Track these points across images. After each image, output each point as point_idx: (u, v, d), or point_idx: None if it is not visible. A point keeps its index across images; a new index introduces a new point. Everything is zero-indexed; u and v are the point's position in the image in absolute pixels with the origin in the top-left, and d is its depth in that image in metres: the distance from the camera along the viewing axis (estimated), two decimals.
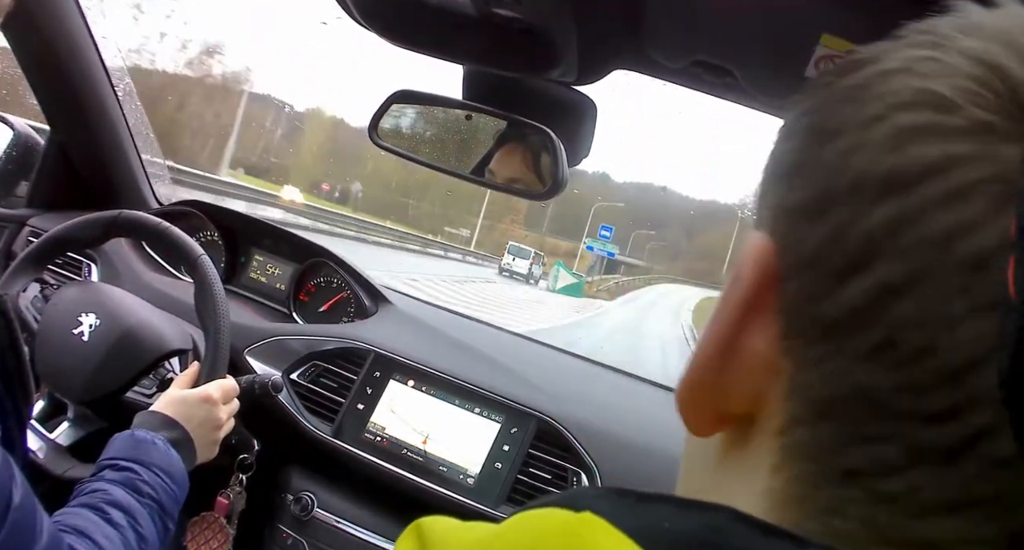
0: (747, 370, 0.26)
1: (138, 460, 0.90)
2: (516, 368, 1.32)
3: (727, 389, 0.27)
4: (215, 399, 1.04)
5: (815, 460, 0.25)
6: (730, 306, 0.27)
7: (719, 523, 0.22)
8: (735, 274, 0.27)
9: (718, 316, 0.27)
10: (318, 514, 1.27)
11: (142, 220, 1.17)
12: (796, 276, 0.26)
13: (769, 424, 0.26)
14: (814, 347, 0.25)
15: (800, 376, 0.25)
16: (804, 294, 0.25)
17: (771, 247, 0.27)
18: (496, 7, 0.67)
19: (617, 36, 0.69)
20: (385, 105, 0.87)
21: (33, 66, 1.45)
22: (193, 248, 1.14)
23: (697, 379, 0.28)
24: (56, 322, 1.13)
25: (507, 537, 0.24)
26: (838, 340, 0.24)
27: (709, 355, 0.27)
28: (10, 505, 0.65)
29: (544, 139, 0.80)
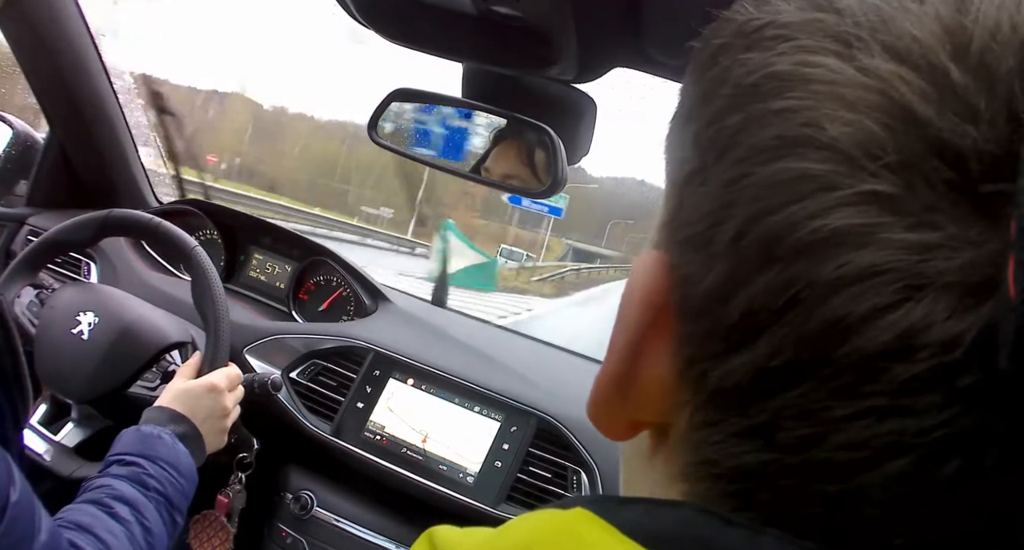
0: (651, 392, 0.26)
1: (144, 454, 0.90)
2: (516, 367, 1.32)
3: (635, 404, 0.27)
4: (220, 388, 1.04)
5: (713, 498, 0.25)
6: (623, 324, 0.26)
7: (687, 517, 0.23)
8: (627, 295, 0.27)
9: (615, 337, 0.27)
10: (318, 513, 1.28)
11: (132, 217, 1.17)
12: (686, 318, 0.25)
13: (679, 430, 0.26)
14: (700, 411, 0.24)
15: (691, 432, 0.25)
16: (691, 345, 0.24)
17: (663, 261, 0.26)
18: (495, 5, 0.67)
19: (616, 34, 0.69)
20: (384, 103, 0.87)
21: (32, 65, 1.44)
22: (186, 241, 1.15)
23: (603, 396, 0.28)
24: (54, 323, 1.13)
25: (506, 536, 0.26)
26: (719, 413, 0.24)
27: (610, 372, 0.27)
28: (7, 503, 0.65)
29: (543, 137, 0.80)
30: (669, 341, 0.25)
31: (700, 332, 0.24)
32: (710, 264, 0.23)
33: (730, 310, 0.23)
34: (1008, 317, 0.19)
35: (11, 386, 0.70)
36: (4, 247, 1.52)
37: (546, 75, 0.76)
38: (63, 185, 1.61)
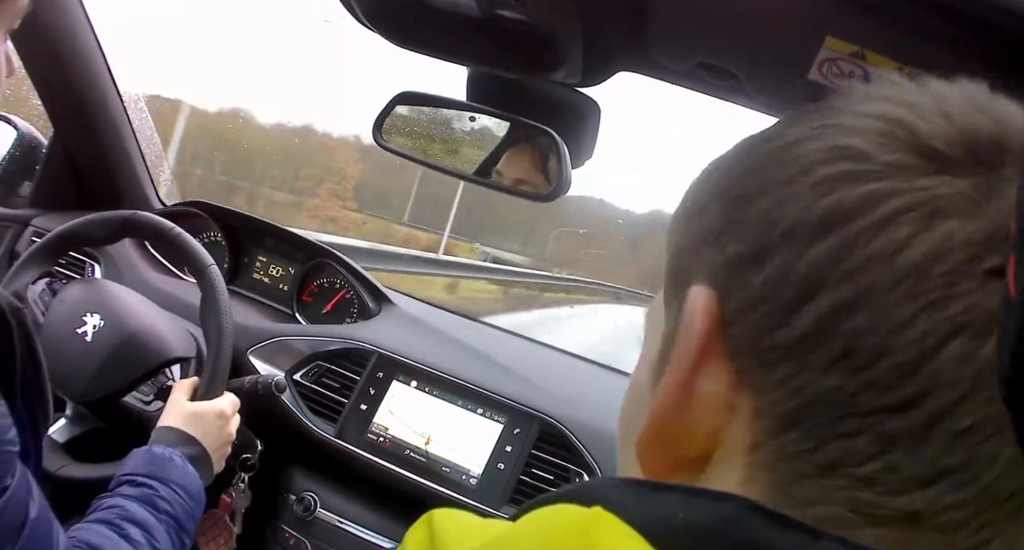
0: (705, 411, 0.29)
1: (156, 476, 0.90)
2: (519, 369, 1.32)
3: (687, 432, 0.29)
4: (228, 415, 1.06)
5: (790, 462, 0.27)
6: (684, 357, 0.29)
7: (734, 513, 0.23)
8: (685, 327, 0.30)
9: (674, 368, 0.29)
10: (321, 514, 1.28)
11: (155, 223, 1.17)
12: (743, 318, 0.28)
13: (732, 450, 0.28)
14: (775, 370, 0.27)
15: (763, 400, 0.27)
16: (755, 331, 0.28)
17: (713, 297, 0.29)
18: (500, 9, 0.67)
19: (621, 38, 0.69)
20: (389, 106, 0.87)
21: (37, 66, 1.45)
22: (203, 258, 1.15)
23: (657, 428, 0.30)
24: (60, 319, 1.13)
25: (517, 538, 0.25)
26: (799, 359, 0.27)
27: (667, 405, 0.29)
28: (27, 519, 0.65)
29: (548, 140, 0.80)
30: (720, 361, 0.29)
31: (759, 318, 0.28)
32: (764, 264, 0.28)
33: (793, 282, 0.27)
34: (1009, 317, 0.20)
35: (32, 397, 0.70)
36: (8, 248, 1.52)
37: (551, 79, 0.76)
38: (67, 186, 1.61)
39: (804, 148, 0.29)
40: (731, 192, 0.31)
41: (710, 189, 0.33)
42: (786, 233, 0.28)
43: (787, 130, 0.31)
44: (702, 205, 0.33)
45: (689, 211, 0.34)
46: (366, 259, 3.21)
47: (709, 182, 0.34)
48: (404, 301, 1.53)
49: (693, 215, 0.33)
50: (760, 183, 0.30)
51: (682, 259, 0.33)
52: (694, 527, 0.23)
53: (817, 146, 0.29)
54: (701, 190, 0.34)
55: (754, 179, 0.30)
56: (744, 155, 0.32)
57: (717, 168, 0.34)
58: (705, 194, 0.33)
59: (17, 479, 0.66)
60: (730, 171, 0.33)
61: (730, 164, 0.33)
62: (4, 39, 0.70)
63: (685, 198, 0.36)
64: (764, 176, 0.30)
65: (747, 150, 0.33)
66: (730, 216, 0.30)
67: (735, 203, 0.31)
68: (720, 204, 0.31)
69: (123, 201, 1.60)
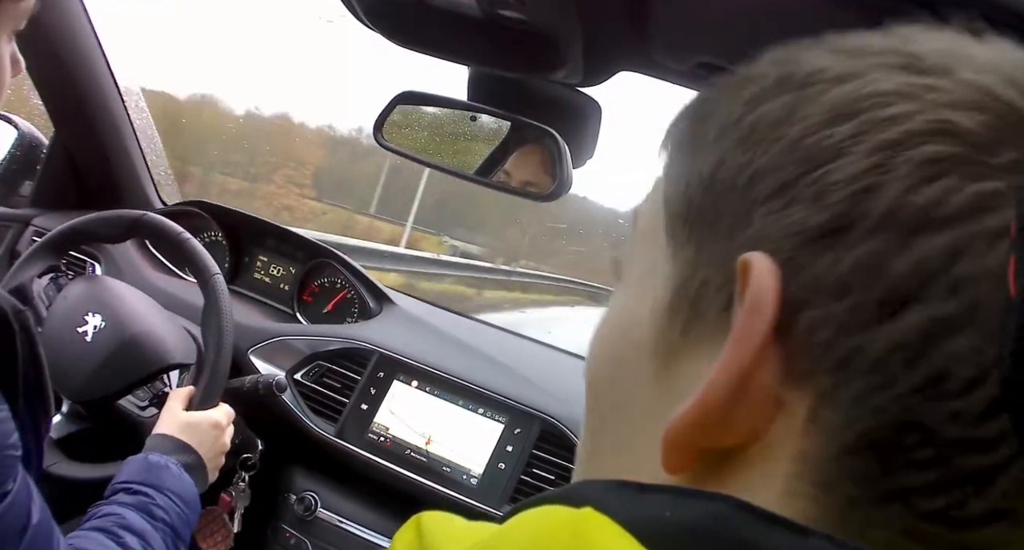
0: (756, 404, 0.25)
1: (152, 484, 0.90)
2: (519, 369, 1.32)
3: (728, 426, 0.25)
4: (223, 425, 1.06)
5: (849, 485, 0.24)
6: (750, 339, 0.24)
7: (722, 512, 0.22)
8: (753, 301, 0.25)
9: (736, 351, 0.25)
10: (321, 514, 1.28)
11: (165, 227, 1.17)
12: (815, 308, 0.24)
13: (772, 453, 0.25)
14: (852, 381, 0.23)
15: (829, 410, 0.24)
16: (830, 327, 0.24)
17: (776, 271, 0.25)
18: (501, 9, 0.67)
19: (622, 38, 0.69)
20: (390, 106, 0.87)
21: (38, 65, 1.45)
22: (209, 266, 1.14)
23: (699, 421, 0.25)
24: (62, 317, 1.13)
25: (506, 539, 0.24)
26: (884, 373, 0.23)
27: (720, 393, 0.25)
28: (28, 524, 0.65)
29: (549, 140, 0.80)
30: (774, 348, 0.25)
31: (838, 311, 0.24)
32: (849, 245, 0.24)
33: (891, 278, 0.23)
34: (1010, 316, 0.20)
35: (33, 398, 0.70)
36: (9, 247, 1.52)
37: (551, 79, 0.76)
38: (68, 186, 1.61)
39: (900, 109, 0.25)
40: (795, 135, 0.26)
41: (759, 117, 0.27)
42: (886, 215, 0.23)
43: (865, 71, 0.26)
44: (746, 131, 0.28)
45: (724, 124, 0.29)
46: None
47: (754, 102, 0.28)
48: (405, 301, 1.53)
49: (729, 133, 0.28)
50: (838, 137, 0.25)
51: (715, 195, 0.28)
52: (683, 526, 0.22)
53: (916, 111, 0.24)
54: (741, 102, 0.28)
55: (829, 128, 0.25)
56: (814, 90, 0.27)
57: (773, 85, 0.28)
58: (750, 117, 0.28)
59: (19, 484, 0.66)
60: (792, 102, 0.27)
61: (791, 92, 0.27)
62: (9, 40, 0.70)
63: (707, 100, 0.31)
64: (841, 126, 0.25)
65: (813, 83, 0.27)
66: (798, 169, 0.25)
67: (805, 154, 0.26)
68: (780, 147, 0.26)
69: (123, 201, 1.60)
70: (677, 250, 0.29)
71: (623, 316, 0.31)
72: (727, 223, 0.27)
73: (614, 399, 0.31)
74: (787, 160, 0.26)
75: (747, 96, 0.29)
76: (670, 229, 0.29)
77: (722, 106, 0.29)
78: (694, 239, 0.28)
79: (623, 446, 0.30)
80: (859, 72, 0.26)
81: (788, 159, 0.26)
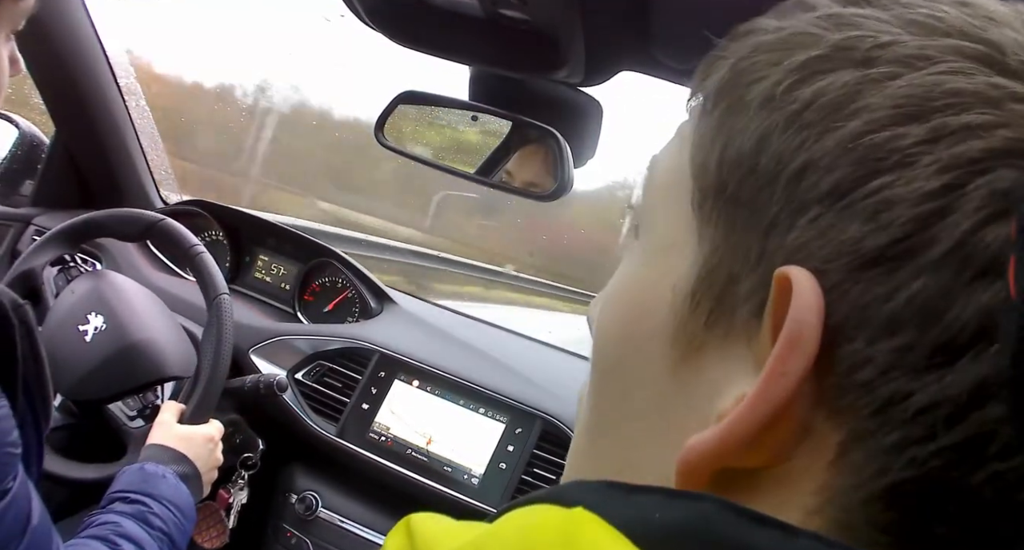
0: (782, 433, 0.23)
1: (148, 493, 0.90)
2: (521, 369, 1.32)
3: (749, 453, 0.24)
4: (217, 440, 1.07)
5: (870, 530, 0.22)
6: (787, 378, 0.22)
7: (710, 512, 0.21)
8: (794, 335, 0.22)
9: (765, 390, 0.22)
10: (322, 513, 1.28)
11: (179, 235, 1.16)
12: (862, 340, 0.22)
13: (791, 481, 0.23)
14: (892, 430, 0.22)
15: (858, 454, 0.22)
16: (875, 366, 0.22)
17: (820, 293, 0.22)
18: (503, 8, 0.67)
19: (624, 37, 0.69)
20: (391, 106, 0.87)
21: (38, 65, 1.45)
22: (217, 285, 1.14)
23: (720, 452, 0.24)
24: (66, 311, 1.12)
25: (497, 538, 0.23)
26: (923, 428, 0.21)
27: (746, 430, 0.23)
28: (28, 525, 0.65)
29: (551, 140, 0.80)
30: (810, 377, 0.23)
31: (888, 353, 0.21)
32: (906, 276, 0.21)
33: (953, 325, 0.21)
34: (1010, 316, 0.19)
35: (34, 394, 0.70)
36: (10, 247, 1.52)
37: (553, 78, 0.76)
38: (69, 185, 1.61)
39: (979, 118, 0.22)
40: (856, 128, 0.23)
41: (814, 95, 0.24)
42: (954, 249, 0.21)
43: (938, 55, 0.23)
44: (797, 108, 0.24)
45: (769, 91, 0.25)
46: None
47: (807, 72, 0.25)
48: (406, 300, 1.53)
49: (776, 106, 0.25)
50: (908, 142, 0.22)
51: (754, 181, 0.25)
52: (672, 527, 0.21)
53: (998, 124, 0.22)
54: (790, 68, 0.25)
55: (897, 128, 0.22)
56: (879, 72, 0.23)
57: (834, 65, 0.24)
58: (803, 90, 0.24)
59: (18, 483, 0.66)
60: (854, 85, 0.24)
61: (852, 69, 0.24)
62: (8, 39, 0.70)
63: (752, 54, 0.27)
64: (911, 128, 0.22)
65: (878, 61, 0.24)
66: (857, 172, 0.23)
67: (866, 155, 0.23)
68: (837, 139, 0.23)
69: (124, 200, 1.60)
70: (703, 226, 0.26)
71: (640, 290, 0.29)
72: (765, 218, 0.24)
73: (622, 383, 0.29)
74: (844, 159, 0.23)
75: (798, 62, 0.25)
76: (697, 200, 0.27)
77: (767, 67, 0.26)
78: (723, 221, 0.26)
79: (625, 438, 0.28)
80: (931, 55, 0.23)
81: (845, 158, 0.23)
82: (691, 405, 0.25)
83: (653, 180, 0.31)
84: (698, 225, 0.27)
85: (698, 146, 0.28)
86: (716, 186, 0.26)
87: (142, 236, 1.19)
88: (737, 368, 0.24)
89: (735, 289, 0.25)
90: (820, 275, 0.23)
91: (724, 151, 0.26)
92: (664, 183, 0.30)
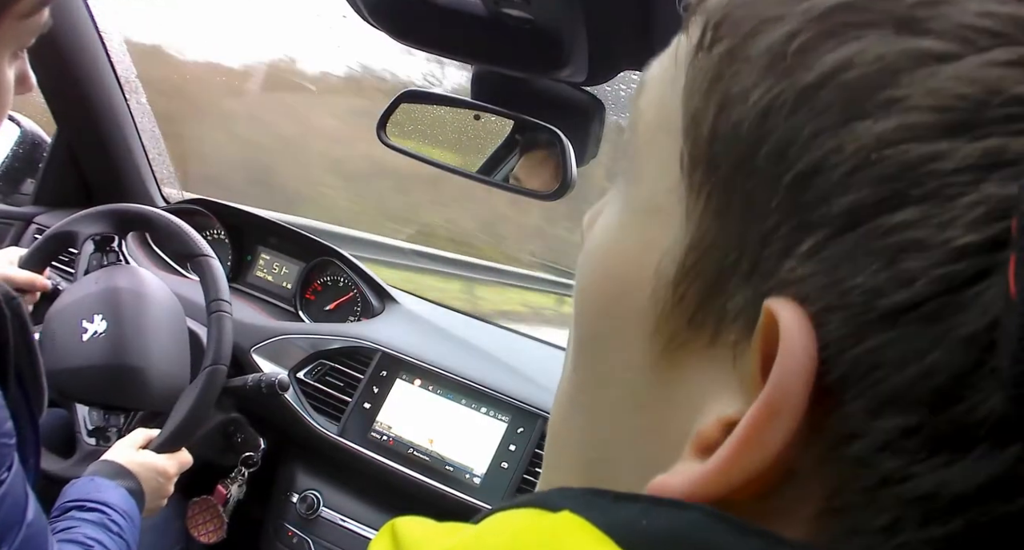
0: (770, 471, 0.20)
1: (104, 502, 0.91)
2: (523, 368, 1.32)
3: (739, 489, 0.21)
4: (171, 475, 1.05)
5: None
6: (769, 447, 0.20)
7: (696, 520, 0.20)
8: (775, 403, 0.19)
9: (743, 455, 0.20)
10: (324, 513, 1.28)
11: (211, 279, 1.15)
12: (859, 409, 0.19)
13: (773, 515, 0.21)
14: (880, 512, 0.19)
15: (842, 522, 0.20)
16: (872, 440, 0.19)
17: (812, 333, 0.19)
18: (506, 7, 0.67)
19: (627, 36, 0.68)
20: (393, 105, 0.87)
21: (39, 63, 1.45)
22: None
23: (696, 495, 0.21)
24: (78, 300, 1.10)
25: (482, 541, 0.22)
26: (921, 516, 0.19)
27: (718, 491, 0.21)
28: (24, 520, 0.65)
29: (554, 140, 0.80)
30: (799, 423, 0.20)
31: (879, 437, 0.18)
32: (925, 348, 0.18)
33: (964, 411, 0.17)
34: (1010, 317, 0.17)
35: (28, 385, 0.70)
36: (11, 246, 1.52)
37: (556, 77, 0.76)
38: (70, 184, 1.61)
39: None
40: (887, 134, 0.18)
41: (835, 70, 0.19)
42: (982, 333, 0.17)
43: (987, 47, 0.18)
44: (811, 82, 0.20)
45: (778, 47, 0.20)
46: None
47: (828, 29, 0.20)
48: (408, 299, 1.53)
49: (786, 71, 0.20)
50: (952, 166, 0.18)
51: (751, 173, 0.21)
52: (658, 535, 0.20)
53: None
54: (809, 16, 0.20)
55: (940, 142, 0.18)
56: (920, 50, 0.18)
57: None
58: (824, 59, 0.20)
59: (13, 474, 0.65)
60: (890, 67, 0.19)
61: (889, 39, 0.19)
62: (14, 58, 0.68)
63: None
64: (957, 145, 0.18)
65: (920, 32, 0.19)
66: (879, 194, 0.18)
67: (898, 171, 0.18)
68: (861, 144, 0.19)
69: (126, 199, 1.60)
70: (691, 198, 0.23)
71: (622, 262, 0.25)
72: (762, 220, 0.20)
73: (601, 363, 0.26)
74: (865, 173, 0.19)
75: (821, 7, 0.20)
76: (686, 166, 0.23)
77: (782, 4, 0.21)
78: (714, 203, 0.22)
79: (600, 418, 0.26)
80: (998, 30, 0.18)
81: (866, 172, 0.19)
82: (669, 409, 0.23)
83: (642, 113, 0.26)
84: (686, 194, 0.23)
85: (691, 91, 0.23)
86: (708, 159, 0.22)
87: (180, 259, 1.18)
88: (721, 383, 0.22)
89: (723, 295, 0.22)
90: (818, 323, 0.19)
91: (719, 117, 0.22)
92: (653, 122, 0.25)
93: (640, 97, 0.27)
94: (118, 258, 1.20)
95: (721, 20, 0.22)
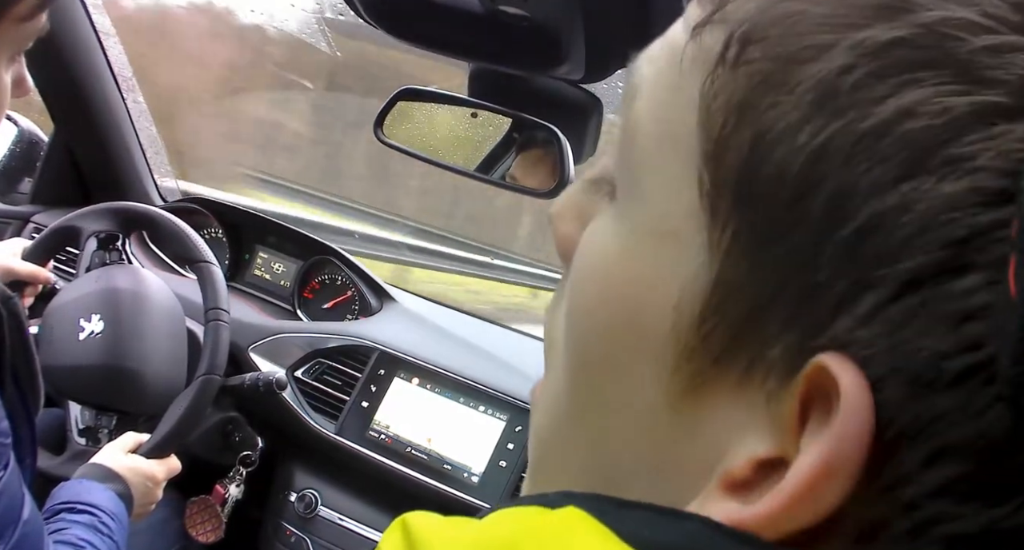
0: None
1: (93, 504, 0.91)
2: (521, 366, 1.32)
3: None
4: (159, 481, 1.05)
5: None
6: (822, 503, 0.19)
7: (698, 531, 0.20)
8: (834, 464, 0.18)
9: (793, 509, 0.19)
10: (322, 512, 1.28)
11: (211, 286, 1.14)
12: (915, 459, 0.18)
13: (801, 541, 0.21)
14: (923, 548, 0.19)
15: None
16: (924, 486, 0.18)
17: (869, 395, 0.18)
18: (503, 5, 0.67)
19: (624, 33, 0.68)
20: (391, 103, 0.87)
21: (36, 62, 1.44)
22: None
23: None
24: (76, 299, 1.10)
25: (488, 532, 0.22)
26: None
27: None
28: (19, 519, 0.65)
29: (551, 138, 0.80)
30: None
31: (933, 479, 0.18)
32: (984, 405, 0.17)
33: (1017, 464, 0.17)
34: (1009, 317, 0.17)
35: (24, 385, 0.70)
36: None
37: (553, 75, 0.76)
38: (68, 183, 1.60)
39: None
40: (960, 195, 0.17)
41: (898, 116, 0.18)
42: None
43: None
44: (870, 129, 0.18)
45: (828, 84, 0.19)
46: None
47: (886, 65, 0.18)
48: (406, 298, 1.53)
49: (837, 111, 0.18)
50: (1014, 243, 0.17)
51: (798, 221, 0.19)
52: (658, 544, 0.20)
53: None
54: (860, 51, 0.18)
55: (1001, 231, 0.17)
56: (994, 100, 0.17)
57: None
58: (884, 105, 0.18)
59: (9, 473, 0.65)
60: (960, 118, 0.17)
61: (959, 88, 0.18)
62: (12, 61, 0.68)
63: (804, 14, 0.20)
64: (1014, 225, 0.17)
65: (991, 82, 0.18)
66: (938, 262, 0.18)
67: (969, 234, 0.17)
68: (930, 205, 0.18)
69: (124, 197, 1.60)
70: (715, 230, 0.21)
71: (631, 286, 0.23)
72: (808, 272, 0.19)
73: (607, 387, 0.24)
74: (932, 236, 0.18)
75: (875, 42, 0.18)
76: (708, 192, 0.21)
77: (827, 30, 0.19)
78: (744, 240, 0.20)
79: (603, 459, 0.24)
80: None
81: (933, 235, 0.18)
82: (689, 444, 0.22)
83: (639, 121, 0.24)
84: (708, 223, 0.21)
85: (710, 110, 0.21)
86: (741, 195, 0.20)
87: (180, 260, 1.18)
88: (749, 422, 0.21)
89: (756, 340, 0.20)
90: (876, 387, 0.18)
91: (756, 151, 0.20)
92: (654, 134, 0.23)
93: (634, 101, 0.24)
94: (120, 257, 1.19)
95: (750, 35, 0.20)
